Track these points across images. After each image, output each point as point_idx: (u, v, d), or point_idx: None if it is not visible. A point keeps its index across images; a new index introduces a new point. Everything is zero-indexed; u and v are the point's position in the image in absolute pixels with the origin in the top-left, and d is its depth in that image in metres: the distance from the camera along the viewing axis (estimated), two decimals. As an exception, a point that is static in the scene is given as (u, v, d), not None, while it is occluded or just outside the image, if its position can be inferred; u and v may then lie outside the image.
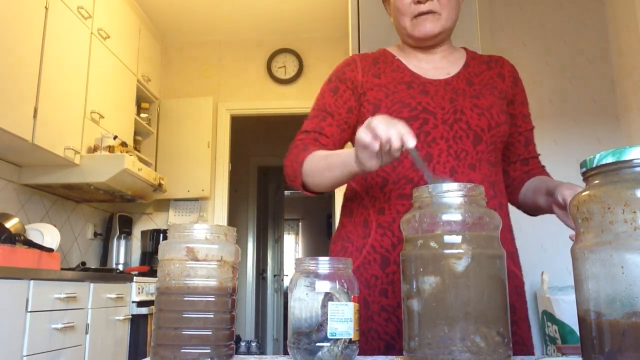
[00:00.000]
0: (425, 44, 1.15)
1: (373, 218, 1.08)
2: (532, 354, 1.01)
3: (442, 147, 1.05)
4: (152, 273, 3.63)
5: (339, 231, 1.18)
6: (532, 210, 1.16)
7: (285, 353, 0.76)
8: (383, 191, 1.07)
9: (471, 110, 1.07)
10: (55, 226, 2.85)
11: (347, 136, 1.17)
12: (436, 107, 1.07)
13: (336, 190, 4.36)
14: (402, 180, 1.05)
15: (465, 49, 1.25)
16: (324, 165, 1.03)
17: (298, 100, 4.46)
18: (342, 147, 1.18)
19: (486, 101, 1.09)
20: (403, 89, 1.10)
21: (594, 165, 0.57)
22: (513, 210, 1.25)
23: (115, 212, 4.07)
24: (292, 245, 9.50)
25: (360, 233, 1.09)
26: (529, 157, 1.21)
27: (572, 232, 0.92)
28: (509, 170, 1.20)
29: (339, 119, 1.15)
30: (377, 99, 1.11)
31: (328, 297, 0.71)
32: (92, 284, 2.55)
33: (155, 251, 3.98)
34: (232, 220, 5.07)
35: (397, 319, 1.02)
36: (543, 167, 1.23)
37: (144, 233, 4.17)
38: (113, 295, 2.75)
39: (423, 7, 1.09)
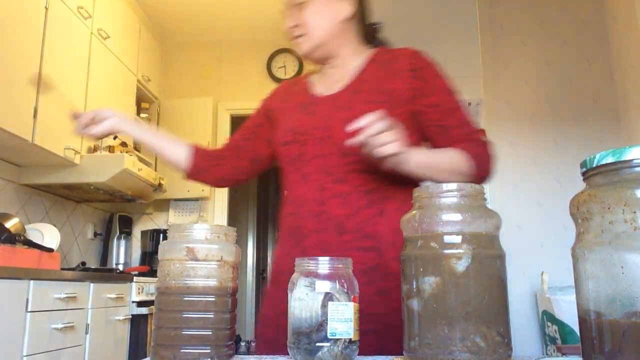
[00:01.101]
0: (311, 59, 1.22)
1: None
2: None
3: (315, 164, 1.10)
4: (152, 273, 3.63)
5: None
6: None
7: (286, 353, 0.76)
8: (341, 239, 1.10)
9: (342, 124, 1.05)
10: (55, 226, 2.85)
11: (250, 144, 1.31)
12: (314, 128, 1.12)
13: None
14: (358, 233, 1.08)
15: (378, 48, 1.25)
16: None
17: (298, 100, 4.46)
18: (236, 147, 1.33)
19: (357, 111, 1.06)
20: (295, 113, 1.19)
21: (594, 165, 0.57)
22: (514, 211, 1.25)
23: (115, 212, 4.07)
24: (292, 245, 9.48)
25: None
26: (453, 143, 1.13)
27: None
28: None
29: (245, 131, 1.32)
30: (278, 124, 1.23)
31: (328, 297, 0.71)
32: (92, 284, 2.55)
33: (155, 251, 3.98)
34: (232, 220, 5.07)
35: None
36: (479, 143, 1.13)
37: (144, 233, 4.17)
38: (113, 295, 2.75)
39: (293, 32, 1.21)
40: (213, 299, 0.72)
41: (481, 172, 1.10)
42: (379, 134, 0.91)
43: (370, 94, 1.13)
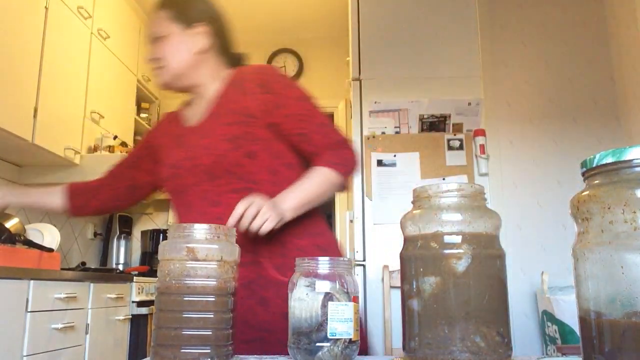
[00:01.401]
0: (172, 89, 1.28)
1: None
2: None
3: (192, 193, 1.18)
4: (152, 273, 3.63)
5: None
6: None
7: (286, 353, 0.76)
8: None
9: (200, 153, 1.17)
10: (55, 226, 2.85)
11: (129, 172, 1.43)
12: (183, 159, 1.20)
13: (336, 190, 4.35)
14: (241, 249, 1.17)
15: (235, 69, 1.30)
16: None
17: (298, 100, 4.46)
18: (118, 176, 1.46)
19: (213, 135, 1.17)
20: (172, 149, 1.26)
21: (594, 165, 0.57)
22: (514, 211, 1.25)
23: (115, 212, 4.07)
24: (292, 245, 9.47)
25: None
26: (317, 150, 1.20)
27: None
28: (315, 164, 1.23)
29: (127, 159, 1.44)
30: (159, 159, 1.31)
31: (328, 297, 0.71)
32: (92, 284, 2.55)
33: (155, 251, 3.98)
34: (232, 220, 5.06)
35: None
36: (340, 144, 1.20)
37: (144, 233, 4.17)
38: (113, 295, 2.75)
39: (153, 64, 1.27)
40: (213, 299, 0.72)
41: (348, 173, 1.19)
42: (252, 220, 1.01)
43: (227, 117, 1.20)
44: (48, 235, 2.65)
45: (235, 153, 1.15)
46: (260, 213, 1.02)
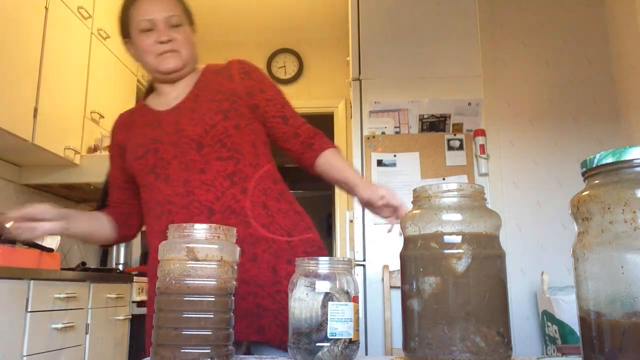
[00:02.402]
0: (170, 77, 1.31)
1: None
2: None
3: (174, 165, 1.23)
4: (152, 273, 3.63)
5: None
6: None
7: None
8: (212, 219, 1.24)
9: (188, 124, 1.24)
10: (55, 226, 2.84)
11: (131, 186, 1.39)
12: (162, 135, 1.25)
13: (337, 191, 4.36)
14: (227, 210, 1.23)
15: (207, 65, 1.41)
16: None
17: (298, 100, 4.46)
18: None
19: (201, 109, 1.25)
20: (142, 132, 1.30)
21: (594, 165, 0.57)
22: (514, 211, 1.25)
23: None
24: (292, 245, 9.48)
25: None
26: (296, 130, 1.34)
27: (390, 225, 1.21)
28: (289, 147, 1.35)
29: (119, 184, 1.42)
30: (127, 147, 1.32)
31: (328, 297, 0.71)
32: (92, 284, 2.55)
33: (155, 251, 3.98)
34: (232, 220, 5.06)
35: None
36: (320, 135, 1.36)
37: (144, 233, 4.16)
38: (113, 295, 2.75)
39: (166, 47, 1.28)
40: (213, 299, 0.72)
41: None
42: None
43: (210, 94, 1.28)
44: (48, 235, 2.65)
45: (225, 123, 1.23)
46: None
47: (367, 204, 1.25)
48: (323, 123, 4.65)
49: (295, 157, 1.37)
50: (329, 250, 1.33)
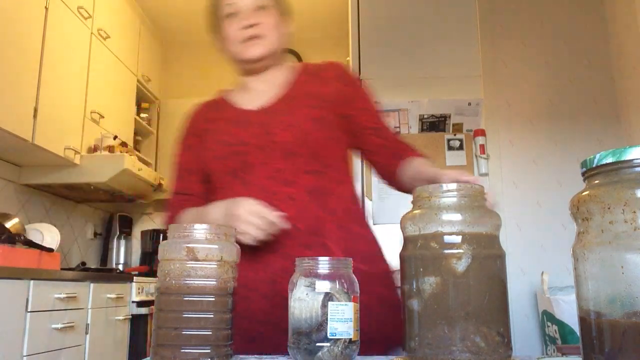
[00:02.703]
0: (255, 66, 1.23)
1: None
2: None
3: (258, 171, 1.13)
4: (152, 273, 3.63)
5: None
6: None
7: (286, 353, 0.76)
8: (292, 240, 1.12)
9: (280, 129, 1.14)
10: (55, 226, 2.85)
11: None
12: (250, 136, 1.15)
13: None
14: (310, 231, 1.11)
15: (302, 63, 1.32)
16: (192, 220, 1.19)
17: (298, 100, 4.46)
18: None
19: (295, 116, 1.15)
20: (227, 128, 1.20)
21: (594, 165, 0.57)
22: (514, 211, 1.25)
23: (115, 212, 4.07)
24: (292, 245, 9.48)
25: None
26: (386, 142, 1.24)
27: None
28: (377, 159, 1.25)
29: (201, 175, 1.24)
30: (207, 141, 1.22)
31: (328, 297, 0.71)
32: (92, 284, 2.55)
33: (155, 251, 3.98)
34: (232, 220, 5.06)
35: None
36: (409, 146, 1.25)
37: (144, 233, 4.16)
38: (113, 295, 2.75)
39: (250, 32, 1.19)
40: (213, 299, 0.72)
41: None
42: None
43: (305, 100, 1.18)
44: (48, 235, 2.65)
45: (318, 134, 1.14)
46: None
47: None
48: (323, 123, 4.66)
49: (381, 168, 1.26)
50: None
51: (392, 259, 1.03)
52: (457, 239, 0.66)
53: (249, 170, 1.14)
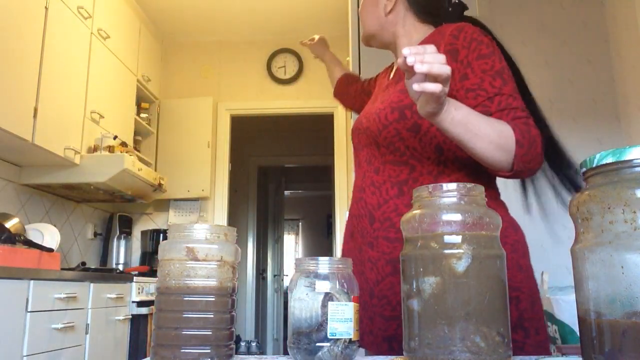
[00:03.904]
0: (375, 47, 1.32)
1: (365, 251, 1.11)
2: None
3: (363, 154, 1.17)
4: (152, 273, 3.63)
5: None
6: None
7: (285, 353, 0.76)
8: (372, 227, 1.08)
9: (371, 118, 1.12)
10: (55, 226, 2.85)
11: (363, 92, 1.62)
12: (362, 118, 1.18)
13: (337, 191, 4.36)
14: (386, 222, 1.06)
15: (437, 27, 1.19)
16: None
17: (298, 100, 4.46)
18: None
19: (382, 104, 1.11)
20: (371, 98, 1.32)
21: (594, 165, 0.57)
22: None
23: (115, 212, 4.07)
24: (292, 245, 9.50)
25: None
26: None
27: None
28: None
29: (364, 85, 1.63)
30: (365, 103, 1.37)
31: (328, 297, 0.71)
32: (92, 284, 2.55)
33: (155, 251, 3.98)
34: (232, 220, 5.07)
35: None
36: (529, 126, 0.99)
37: (144, 233, 4.17)
38: (113, 295, 2.75)
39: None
40: (213, 299, 0.72)
41: (526, 156, 0.95)
42: (430, 60, 0.79)
43: (403, 81, 1.08)
44: (48, 235, 2.65)
45: (397, 125, 1.05)
46: (439, 61, 0.80)
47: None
48: (323, 123, 4.66)
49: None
50: (329, 250, 1.29)
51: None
52: (457, 239, 0.66)
53: (358, 149, 1.19)
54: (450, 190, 0.69)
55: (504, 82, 1.03)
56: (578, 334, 0.58)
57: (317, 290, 0.72)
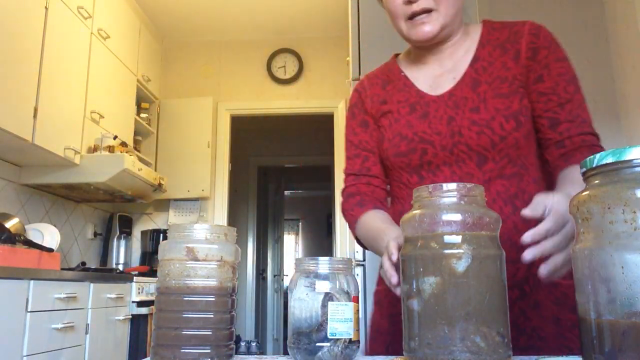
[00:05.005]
0: (426, 45, 1.06)
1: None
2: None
3: (446, 174, 0.99)
4: (152, 273, 3.64)
5: None
6: None
7: (285, 353, 0.76)
8: None
9: (469, 130, 0.97)
10: (55, 226, 2.85)
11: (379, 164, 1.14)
12: (433, 134, 1.00)
13: (337, 191, 4.36)
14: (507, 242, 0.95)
15: (485, 24, 1.09)
16: (369, 238, 1.04)
17: (298, 100, 4.46)
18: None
19: (487, 112, 0.97)
20: (405, 117, 1.05)
21: (594, 165, 0.57)
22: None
23: (115, 212, 4.07)
24: (292, 245, 9.51)
25: None
26: (562, 138, 0.99)
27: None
28: (546, 157, 1.02)
29: (378, 156, 1.11)
30: (385, 129, 1.07)
31: (328, 297, 0.71)
32: (92, 284, 2.55)
33: (155, 251, 3.98)
34: (232, 220, 5.07)
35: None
36: (586, 145, 0.99)
37: (144, 233, 4.17)
38: (113, 295, 2.75)
39: (415, 7, 1.00)
40: (213, 299, 0.72)
41: None
42: (554, 250, 0.75)
43: (495, 82, 0.99)
44: (48, 235, 2.65)
45: (517, 134, 0.95)
46: (563, 251, 0.75)
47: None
48: (323, 123, 4.66)
49: (549, 167, 1.02)
50: (329, 250, 1.26)
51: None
52: (457, 239, 0.66)
53: (434, 171, 1.00)
54: (450, 190, 0.69)
55: (576, 89, 1.01)
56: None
57: (317, 290, 0.72)
